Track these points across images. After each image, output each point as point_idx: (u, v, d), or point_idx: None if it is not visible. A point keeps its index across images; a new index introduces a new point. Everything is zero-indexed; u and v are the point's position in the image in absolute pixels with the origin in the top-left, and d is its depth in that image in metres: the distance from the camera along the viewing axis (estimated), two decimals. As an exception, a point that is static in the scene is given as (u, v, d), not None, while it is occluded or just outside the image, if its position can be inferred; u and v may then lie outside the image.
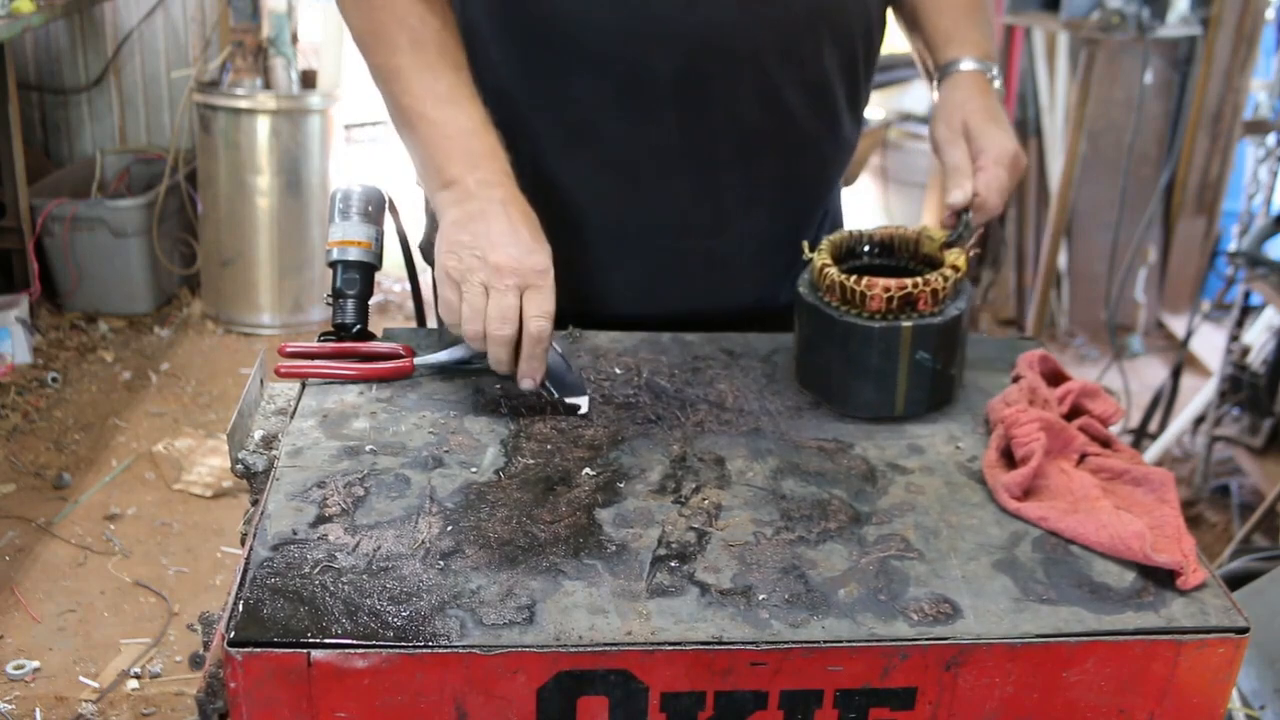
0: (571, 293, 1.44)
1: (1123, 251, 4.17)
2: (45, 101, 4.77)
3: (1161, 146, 4.59)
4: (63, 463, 3.51)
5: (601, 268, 1.45)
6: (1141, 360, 4.62)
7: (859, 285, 1.22)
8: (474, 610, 0.93)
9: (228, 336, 4.47)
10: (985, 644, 0.94)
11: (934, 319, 1.24)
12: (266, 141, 4.28)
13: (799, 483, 1.14)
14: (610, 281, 1.46)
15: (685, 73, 1.33)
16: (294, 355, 1.30)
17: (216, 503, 3.35)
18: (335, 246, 1.34)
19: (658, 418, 1.25)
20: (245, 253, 4.40)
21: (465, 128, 1.26)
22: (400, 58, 1.27)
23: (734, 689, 0.93)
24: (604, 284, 1.46)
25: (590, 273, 1.45)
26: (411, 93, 1.27)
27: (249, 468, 1.20)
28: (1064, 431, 1.17)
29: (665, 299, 1.48)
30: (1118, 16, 3.70)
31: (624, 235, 1.44)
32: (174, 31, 4.74)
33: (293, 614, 0.92)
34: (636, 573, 0.99)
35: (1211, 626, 0.97)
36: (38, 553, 3.07)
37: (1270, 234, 3.29)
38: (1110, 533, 1.04)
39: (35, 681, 2.62)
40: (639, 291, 1.47)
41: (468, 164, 1.24)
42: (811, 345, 1.29)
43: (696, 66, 1.33)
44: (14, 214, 4.03)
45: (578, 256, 1.42)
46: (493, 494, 1.10)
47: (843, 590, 0.99)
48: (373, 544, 1.01)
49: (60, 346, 4.20)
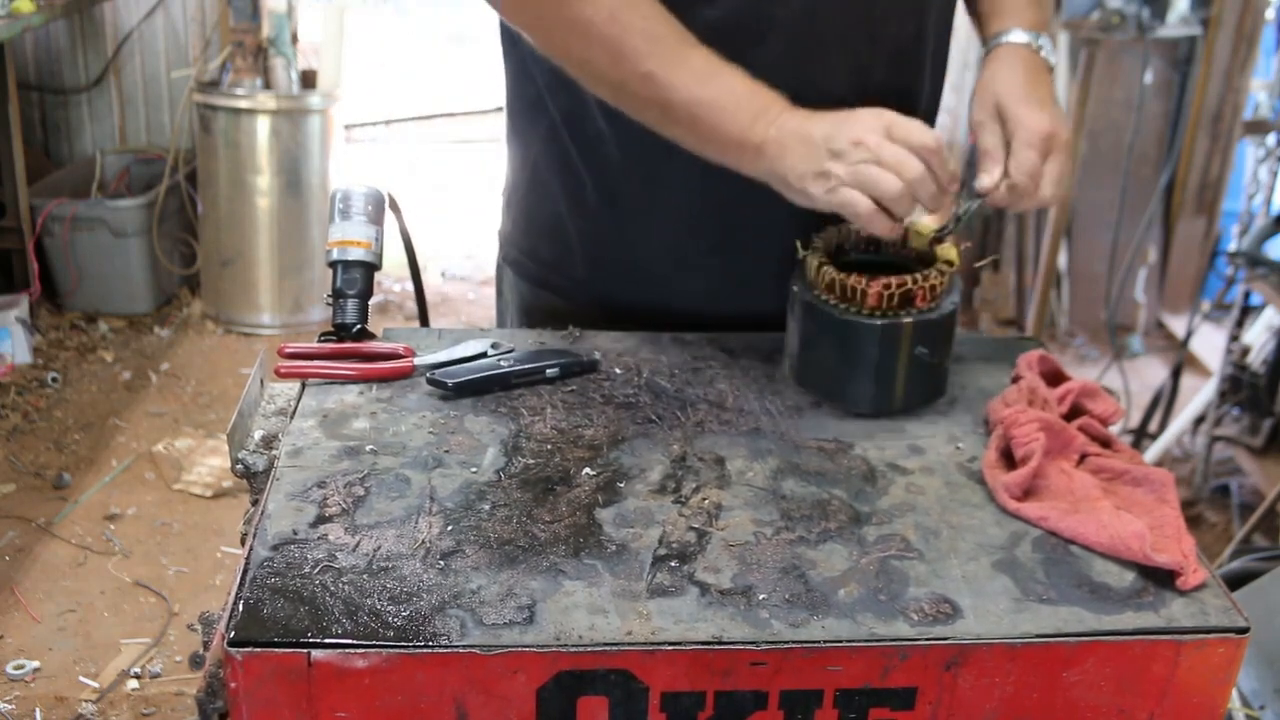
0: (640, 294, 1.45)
1: (1123, 251, 4.17)
2: (45, 101, 4.77)
3: (1161, 146, 4.59)
4: (63, 463, 3.51)
5: (674, 270, 1.44)
6: (1141, 360, 4.62)
7: (857, 283, 1.22)
8: (474, 610, 0.93)
9: (228, 336, 4.47)
10: (985, 644, 0.94)
11: (932, 314, 1.24)
12: (266, 141, 4.28)
13: (799, 483, 1.14)
14: (683, 284, 1.45)
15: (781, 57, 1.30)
16: (294, 355, 1.30)
17: (216, 503, 3.35)
18: (335, 246, 1.34)
19: (658, 418, 1.25)
20: (245, 253, 4.40)
21: (740, 92, 1.22)
22: (646, 62, 1.22)
23: (734, 689, 0.93)
24: (677, 285, 1.45)
25: (667, 274, 1.44)
26: (676, 87, 1.22)
27: (249, 468, 1.20)
28: (1064, 432, 1.17)
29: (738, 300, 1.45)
30: (1118, 16, 3.70)
31: (697, 235, 1.42)
32: (174, 31, 4.74)
33: (293, 614, 0.92)
34: (636, 573, 0.99)
35: (1211, 626, 0.97)
36: (38, 553, 3.07)
37: (1270, 234, 3.30)
38: (1110, 533, 1.04)
39: (35, 681, 2.62)
40: (708, 294, 1.45)
41: (763, 120, 1.21)
42: (809, 343, 1.29)
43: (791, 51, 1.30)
44: (14, 214, 4.03)
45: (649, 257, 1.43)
46: (493, 494, 1.10)
47: (843, 590, 0.99)
48: (373, 544, 1.01)
49: (60, 346, 4.20)
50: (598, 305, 1.47)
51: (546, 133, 1.44)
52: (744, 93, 1.22)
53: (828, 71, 1.26)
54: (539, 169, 1.48)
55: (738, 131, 1.21)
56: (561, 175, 1.44)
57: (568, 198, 1.45)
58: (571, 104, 1.39)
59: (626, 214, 1.43)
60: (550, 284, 1.52)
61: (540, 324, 1.48)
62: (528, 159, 1.49)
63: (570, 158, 1.42)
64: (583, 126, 1.39)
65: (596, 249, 1.46)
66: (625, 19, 1.21)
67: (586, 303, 1.48)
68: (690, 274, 1.44)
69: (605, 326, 1.44)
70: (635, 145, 1.35)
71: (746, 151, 1.22)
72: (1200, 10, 4.26)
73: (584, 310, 1.47)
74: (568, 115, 1.40)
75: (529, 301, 1.55)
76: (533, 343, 1.39)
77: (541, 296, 1.53)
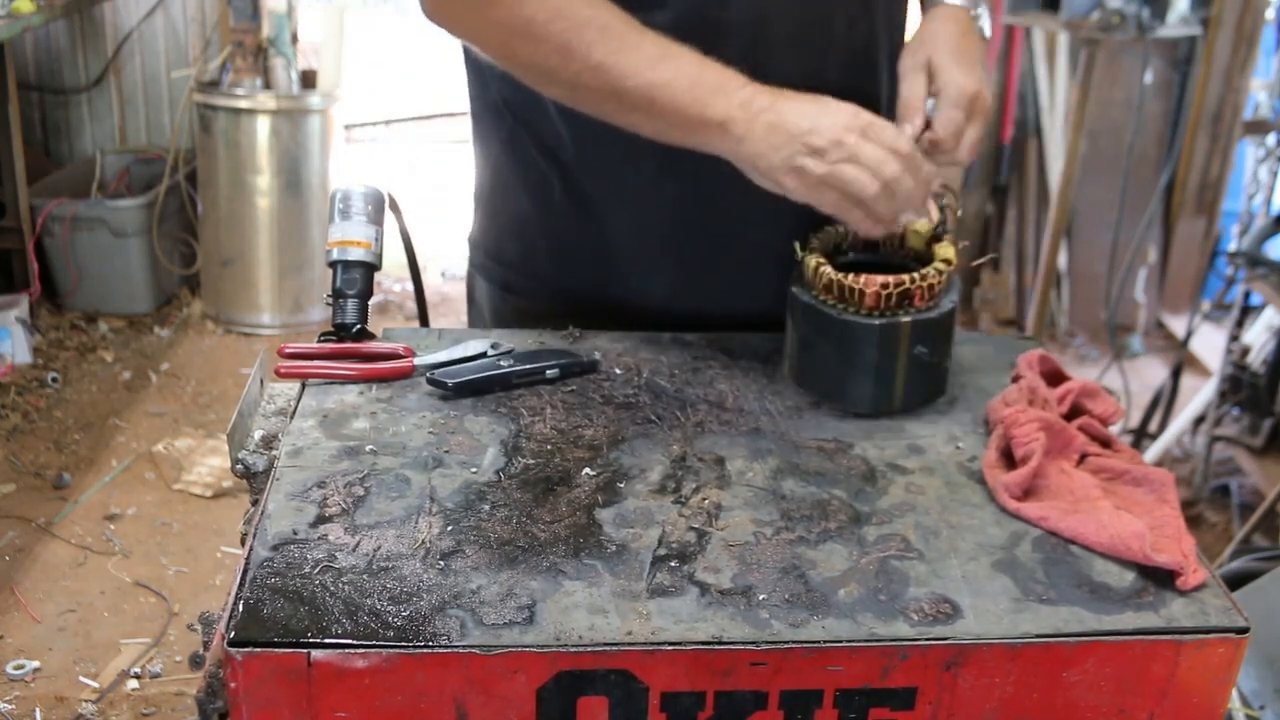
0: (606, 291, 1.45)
1: (1123, 251, 4.17)
2: (45, 101, 4.77)
3: (1161, 146, 4.59)
4: (63, 463, 3.51)
5: (639, 267, 1.44)
6: (1141, 360, 4.63)
7: (855, 282, 1.23)
8: (474, 610, 0.93)
9: (228, 336, 4.47)
10: (985, 644, 0.94)
11: (930, 313, 1.24)
12: (266, 141, 4.28)
13: (799, 483, 1.14)
14: (648, 280, 1.45)
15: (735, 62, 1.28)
16: (294, 355, 1.30)
17: (216, 503, 3.35)
18: (335, 246, 1.34)
19: (658, 418, 1.25)
20: (245, 253, 4.40)
21: (694, 70, 1.21)
22: (597, 52, 1.21)
23: (734, 689, 0.93)
24: (640, 283, 1.45)
25: (629, 271, 1.44)
26: (628, 74, 1.21)
27: (249, 468, 1.20)
28: (1064, 431, 1.17)
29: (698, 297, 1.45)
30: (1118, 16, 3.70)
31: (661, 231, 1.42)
32: (174, 31, 4.74)
33: (293, 614, 0.92)
34: (636, 573, 0.99)
35: (1211, 626, 0.97)
36: (38, 553, 3.08)
37: (1270, 234, 3.30)
38: (1110, 533, 1.04)
39: (35, 681, 2.62)
40: (674, 290, 1.45)
41: (723, 95, 1.20)
42: (808, 343, 1.29)
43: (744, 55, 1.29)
44: (14, 214, 4.03)
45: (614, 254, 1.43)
46: (493, 494, 1.10)
47: (843, 590, 0.99)
48: (373, 544, 1.01)
49: (60, 346, 4.20)
50: (562, 304, 1.47)
51: (508, 135, 1.44)
52: (698, 71, 1.21)
53: (783, 75, 1.26)
54: (502, 170, 1.48)
55: (697, 110, 1.20)
56: (524, 176, 1.45)
57: (531, 197, 1.45)
58: (528, 108, 1.39)
59: (589, 212, 1.43)
60: (514, 287, 1.52)
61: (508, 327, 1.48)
62: (489, 161, 1.50)
63: (532, 159, 1.43)
64: (540, 129, 1.40)
65: (562, 246, 1.46)
66: (570, 14, 1.21)
67: (551, 302, 1.48)
68: (653, 271, 1.44)
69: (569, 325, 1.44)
70: (591, 145, 1.35)
71: (709, 130, 1.21)
72: (1200, 10, 4.26)
73: (549, 311, 1.46)
74: (525, 119, 1.41)
75: (496, 305, 1.55)
76: (533, 343, 1.39)
77: (508, 300, 1.53)
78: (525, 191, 1.46)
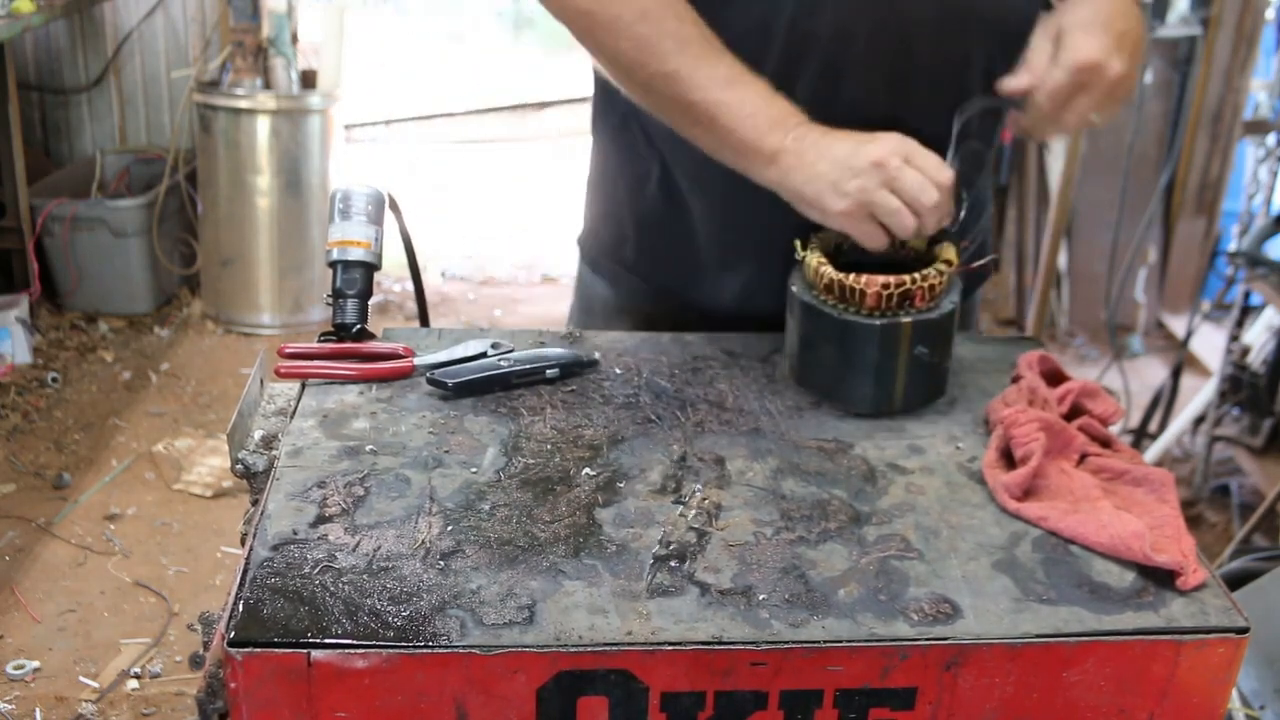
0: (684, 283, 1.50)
1: (1123, 251, 4.17)
2: (45, 101, 4.77)
3: (1161, 146, 4.59)
4: (63, 463, 3.51)
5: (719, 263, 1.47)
6: (1141, 360, 4.62)
7: (856, 283, 1.23)
8: (474, 610, 0.93)
9: (228, 336, 4.47)
10: (985, 644, 0.94)
11: (931, 314, 1.24)
12: (266, 141, 4.28)
13: (799, 483, 1.14)
14: (723, 279, 1.48)
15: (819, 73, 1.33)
16: (294, 355, 1.30)
17: (216, 503, 3.35)
18: (335, 246, 1.34)
19: (658, 418, 1.25)
20: (245, 253, 4.40)
21: (759, 99, 1.26)
22: (673, 61, 1.26)
23: (734, 689, 0.93)
24: (717, 279, 1.48)
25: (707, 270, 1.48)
26: (698, 87, 1.26)
27: (249, 468, 1.20)
28: (1064, 431, 1.17)
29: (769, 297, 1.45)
30: (1118, 16, 3.70)
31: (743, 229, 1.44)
32: (174, 31, 4.74)
33: (293, 614, 0.92)
34: (636, 573, 0.99)
35: (1211, 626, 0.97)
36: (38, 553, 3.07)
37: (1270, 234, 3.30)
38: (1110, 533, 1.04)
39: (35, 681, 2.62)
40: (748, 290, 1.48)
41: (780, 129, 1.24)
42: (808, 343, 1.29)
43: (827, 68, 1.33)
44: (14, 214, 4.03)
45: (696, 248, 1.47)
46: (493, 494, 1.10)
47: (843, 590, 0.99)
48: (373, 544, 1.01)
49: (60, 346, 4.20)
50: (641, 295, 1.53)
51: (619, 121, 1.49)
52: (764, 102, 1.26)
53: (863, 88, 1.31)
54: (609, 155, 1.55)
55: (754, 137, 1.25)
56: (627, 162, 1.50)
57: (629, 184, 1.51)
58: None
59: (678, 205, 1.47)
60: (601, 269, 1.59)
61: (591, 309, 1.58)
62: (600, 146, 1.57)
63: (636, 147, 1.48)
64: (646, 118, 1.42)
65: (649, 235, 1.52)
66: (655, 18, 1.26)
67: (630, 289, 1.55)
68: (731, 269, 1.48)
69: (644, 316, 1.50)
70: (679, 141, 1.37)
71: (760, 158, 1.25)
72: (1200, 10, 4.26)
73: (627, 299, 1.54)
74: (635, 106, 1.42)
75: (586, 285, 1.62)
76: (533, 343, 1.40)
77: (595, 284, 1.60)
78: (624, 178, 1.52)
